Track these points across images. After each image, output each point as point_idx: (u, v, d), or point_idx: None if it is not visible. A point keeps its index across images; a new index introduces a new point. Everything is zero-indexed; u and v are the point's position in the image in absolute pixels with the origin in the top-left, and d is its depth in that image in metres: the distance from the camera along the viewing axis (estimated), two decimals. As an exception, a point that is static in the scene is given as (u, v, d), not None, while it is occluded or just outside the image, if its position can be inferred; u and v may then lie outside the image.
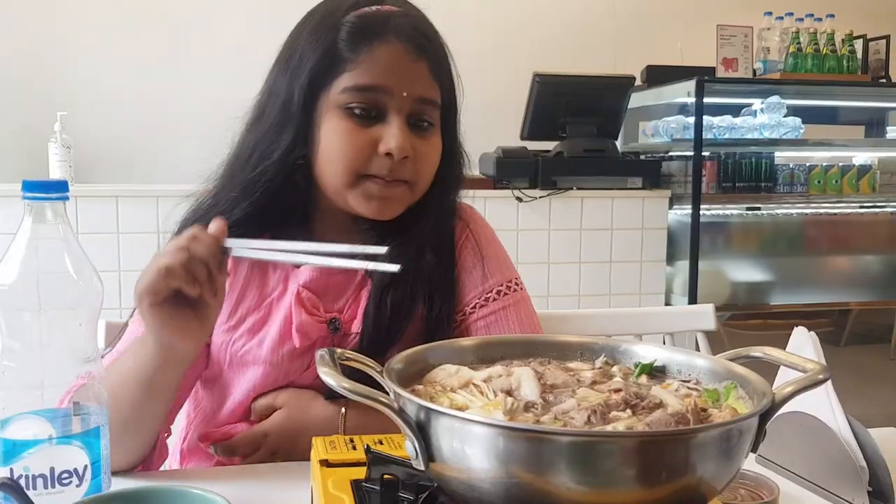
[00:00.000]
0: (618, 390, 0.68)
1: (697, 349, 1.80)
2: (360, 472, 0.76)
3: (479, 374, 0.71)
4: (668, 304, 3.58)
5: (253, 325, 1.11)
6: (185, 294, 0.88)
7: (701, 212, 3.54)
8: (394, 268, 0.86)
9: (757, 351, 0.75)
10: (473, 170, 1.26)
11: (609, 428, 0.60)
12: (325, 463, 0.80)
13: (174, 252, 0.88)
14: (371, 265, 0.88)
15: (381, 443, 0.85)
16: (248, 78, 1.18)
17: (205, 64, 3.79)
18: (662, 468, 0.56)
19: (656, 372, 0.77)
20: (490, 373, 0.71)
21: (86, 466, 0.84)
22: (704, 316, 1.74)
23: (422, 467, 0.61)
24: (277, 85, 1.10)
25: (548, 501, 0.56)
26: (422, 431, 0.60)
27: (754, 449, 0.62)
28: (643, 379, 0.75)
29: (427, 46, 1.08)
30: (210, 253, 0.89)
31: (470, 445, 0.57)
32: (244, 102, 1.16)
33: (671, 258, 3.58)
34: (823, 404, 1.01)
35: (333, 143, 1.06)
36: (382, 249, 0.88)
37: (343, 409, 1.08)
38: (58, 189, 0.83)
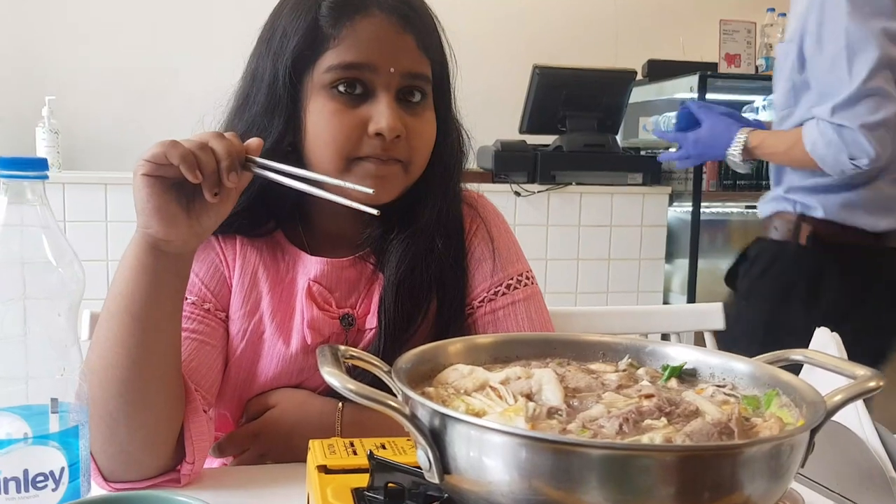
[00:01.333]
0: (649, 395, 0.61)
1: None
2: (362, 480, 0.70)
3: (495, 376, 0.64)
4: (666, 302, 3.54)
5: (271, 311, 1.06)
6: (185, 186, 0.85)
7: (701, 209, 3.50)
8: (373, 211, 0.87)
9: (797, 354, 0.69)
10: (472, 161, 1.19)
11: (645, 439, 0.53)
12: (324, 469, 0.74)
13: (191, 138, 0.85)
14: (354, 204, 0.87)
15: (383, 447, 0.79)
16: (240, 65, 1.11)
17: (197, 49, 3.71)
18: (706, 487, 0.50)
19: (686, 375, 0.70)
20: (507, 374, 0.65)
21: (63, 469, 0.77)
22: (713, 314, 1.69)
23: (436, 480, 0.54)
24: (261, 68, 1.04)
25: (577, 521, 0.50)
26: (436, 440, 0.54)
27: (802, 464, 0.56)
28: (672, 383, 0.69)
29: (413, 17, 1.02)
30: (227, 152, 0.84)
31: (490, 457, 0.51)
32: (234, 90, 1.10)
33: (670, 256, 3.54)
34: (849, 410, 0.95)
35: (321, 127, 1.00)
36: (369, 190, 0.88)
37: (340, 405, 1.02)
38: (37, 167, 0.76)
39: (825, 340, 1.07)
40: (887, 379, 0.60)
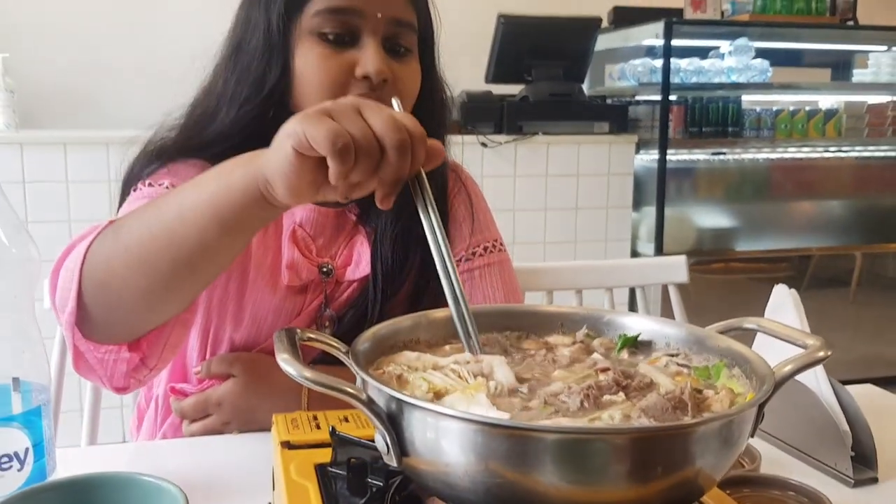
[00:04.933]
0: (605, 369, 0.62)
1: (665, 302, 1.77)
2: (325, 455, 0.71)
3: (444, 361, 0.65)
4: (634, 250, 3.57)
5: (255, 245, 1.06)
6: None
7: (667, 157, 3.51)
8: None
9: (751, 322, 0.70)
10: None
11: (605, 415, 0.54)
12: (287, 445, 0.74)
13: (393, 128, 0.68)
14: None
15: (346, 419, 0.80)
16: (199, 19, 1.10)
17: (153, 2, 3.62)
18: (659, 464, 0.51)
19: (640, 345, 0.71)
20: (456, 359, 0.65)
21: (27, 449, 0.77)
22: (677, 268, 1.71)
23: (394, 463, 0.55)
24: (253, 14, 1.05)
25: (534, 500, 0.51)
26: (393, 424, 0.54)
27: (752, 434, 0.58)
28: (624, 354, 0.70)
29: None
30: (402, 168, 0.69)
31: (447, 440, 0.52)
32: (197, 43, 1.08)
33: (637, 204, 3.56)
34: (806, 367, 0.97)
35: (309, 71, 1.01)
36: None
37: None
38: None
39: (783, 296, 1.09)
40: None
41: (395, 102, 0.79)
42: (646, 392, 0.60)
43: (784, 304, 1.08)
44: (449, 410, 0.51)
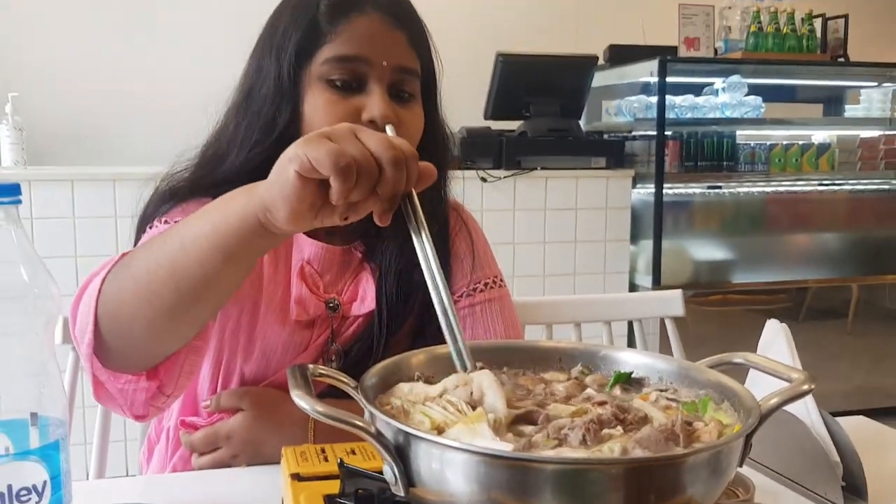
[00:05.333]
0: (602, 402, 0.66)
1: (663, 335, 1.80)
2: (334, 487, 0.74)
3: (434, 390, 0.68)
4: (632, 283, 3.60)
5: (267, 279, 1.10)
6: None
7: (664, 191, 3.56)
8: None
9: (739, 357, 0.73)
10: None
11: (605, 448, 0.58)
12: (297, 477, 0.77)
13: (370, 144, 0.72)
14: None
15: (353, 452, 0.83)
16: (206, 59, 1.15)
17: (162, 43, 3.69)
18: (653, 492, 0.54)
19: (632, 381, 0.75)
20: (445, 385, 0.68)
21: (45, 482, 0.80)
22: (672, 302, 1.74)
23: (402, 493, 0.58)
24: (265, 63, 1.10)
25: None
26: (401, 455, 0.58)
27: (740, 464, 0.61)
28: (617, 390, 0.74)
29: (404, 17, 1.10)
30: (397, 185, 0.72)
31: (452, 471, 0.55)
32: (203, 83, 1.13)
33: (635, 237, 3.60)
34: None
35: (318, 115, 1.06)
36: None
37: None
38: (10, 192, 0.78)
39: (775, 331, 1.13)
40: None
41: (388, 129, 0.83)
42: (641, 425, 0.63)
43: (776, 338, 1.11)
44: (453, 442, 0.55)
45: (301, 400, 0.59)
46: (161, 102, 3.58)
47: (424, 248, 0.74)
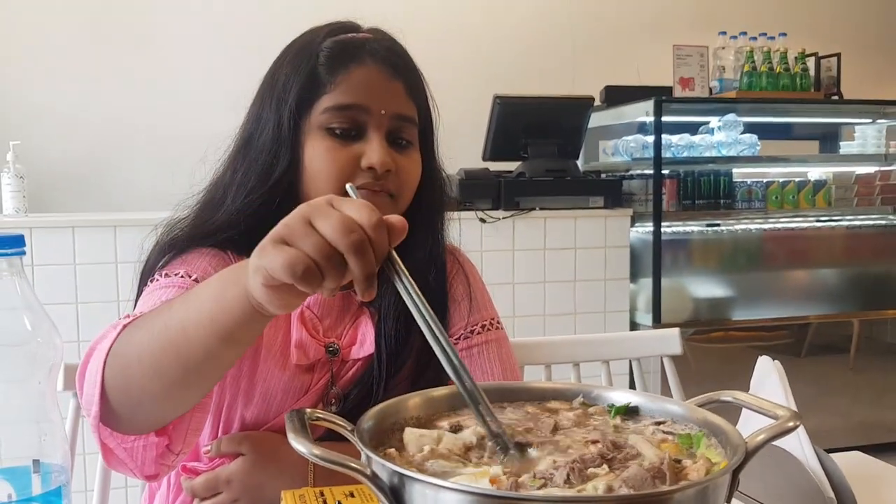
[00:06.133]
0: (595, 441, 0.67)
1: (664, 373, 1.81)
2: (332, 529, 0.75)
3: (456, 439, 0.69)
4: (633, 321, 3.61)
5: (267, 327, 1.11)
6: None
7: (662, 229, 3.58)
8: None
9: (727, 395, 0.75)
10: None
11: (590, 486, 0.59)
12: (296, 519, 0.78)
13: (343, 232, 0.67)
14: None
15: (352, 495, 0.84)
16: (204, 108, 1.18)
17: (160, 91, 3.75)
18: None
19: (631, 411, 0.77)
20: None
21: (47, 528, 0.81)
22: (670, 340, 1.76)
23: (397, 534, 0.59)
24: (265, 112, 1.13)
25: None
26: (396, 496, 0.59)
27: (728, 500, 0.62)
28: (618, 420, 0.76)
29: (402, 67, 1.13)
30: (370, 263, 0.68)
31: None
32: (203, 129, 1.16)
33: (634, 276, 3.61)
34: (791, 435, 1.01)
35: (318, 162, 1.09)
36: None
37: None
38: (13, 244, 0.80)
39: (767, 368, 1.14)
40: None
41: (349, 190, 0.77)
42: (628, 463, 0.65)
43: (769, 375, 1.12)
44: (446, 483, 0.56)
45: (298, 444, 0.60)
46: (161, 149, 3.63)
47: (414, 300, 0.72)
